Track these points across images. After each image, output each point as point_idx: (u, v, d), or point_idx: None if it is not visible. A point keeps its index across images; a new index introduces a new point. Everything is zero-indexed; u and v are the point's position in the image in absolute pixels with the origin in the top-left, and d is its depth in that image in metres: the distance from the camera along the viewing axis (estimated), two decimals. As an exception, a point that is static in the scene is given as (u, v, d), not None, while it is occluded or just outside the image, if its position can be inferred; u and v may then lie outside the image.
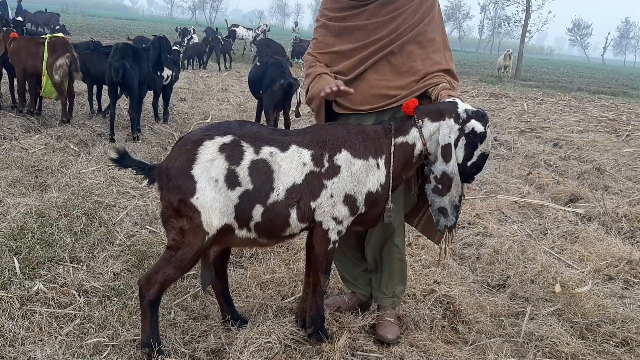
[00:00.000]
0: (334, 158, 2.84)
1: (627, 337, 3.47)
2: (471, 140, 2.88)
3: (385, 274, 3.44)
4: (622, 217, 5.84)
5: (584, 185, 7.13)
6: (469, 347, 3.26)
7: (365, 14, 3.15)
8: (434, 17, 3.18)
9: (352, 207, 2.87)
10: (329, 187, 2.82)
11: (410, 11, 3.11)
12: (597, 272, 4.52)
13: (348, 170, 2.84)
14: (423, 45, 3.14)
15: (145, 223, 4.65)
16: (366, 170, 2.87)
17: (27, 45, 7.68)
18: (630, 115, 14.84)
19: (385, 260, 3.42)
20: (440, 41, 3.20)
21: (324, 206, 2.83)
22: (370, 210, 2.96)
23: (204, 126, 2.90)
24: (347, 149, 2.86)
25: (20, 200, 4.70)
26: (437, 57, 3.16)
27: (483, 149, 2.92)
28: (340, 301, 3.61)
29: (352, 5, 3.18)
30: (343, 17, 3.21)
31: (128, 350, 2.92)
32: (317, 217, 2.86)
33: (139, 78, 7.52)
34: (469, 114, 2.86)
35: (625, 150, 9.74)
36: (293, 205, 2.80)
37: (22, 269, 3.60)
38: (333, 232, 2.90)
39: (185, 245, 2.74)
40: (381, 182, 2.92)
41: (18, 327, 2.98)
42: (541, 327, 3.49)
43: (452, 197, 2.96)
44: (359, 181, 2.86)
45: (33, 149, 6.40)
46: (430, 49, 3.15)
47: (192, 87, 13.47)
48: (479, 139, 2.88)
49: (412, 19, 3.11)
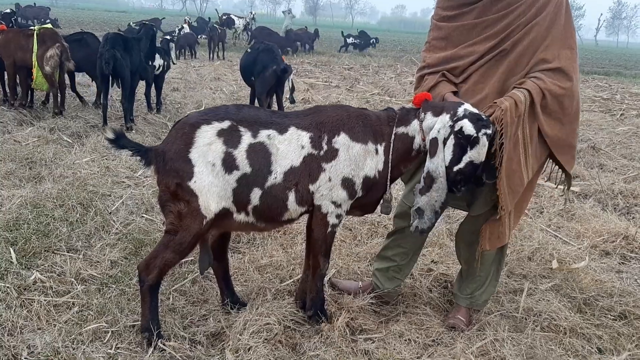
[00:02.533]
0: (332, 141, 2.81)
1: (625, 311, 3.49)
2: (459, 141, 2.68)
3: (466, 272, 3.34)
4: (617, 194, 5.88)
5: (579, 163, 7.15)
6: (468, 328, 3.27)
7: (475, 12, 2.95)
8: (552, 10, 2.87)
9: (351, 191, 2.85)
10: (327, 170, 2.80)
11: (525, 7, 2.86)
12: (593, 248, 4.55)
13: (346, 153, 2.81)
14: (535, 43, 2.88)
15: (141, 211, 4.63)
16: (364, 154, 2.84)
17: (16, 38, 7.60)
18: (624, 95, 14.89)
19: (471, 260, 3.27)
20: (559, 37, 2.88)
21: (323, 189, 2.82)
22: (367, 195, 2.94)
23: (202, 110, 2.89)
24: (345, 132, 2.83)
25: (15, 192, 4.67)
26: (548, 55, 2.87)
27: (473, 156, 2.69)
28: (352, 288, 3.57)
29: (462, 3, 2.98)
30: (452, 16, 3.03)
31: (128, 336, 2.91)
32: (316, 201, 2.85)
33: (130, 68, 7.47)
34: (465, 114, 2.69)
35: (620, 128, 9.77)
36: (291, 189, 2.79)
37: (19, 259, 3.59)
38: (332, 216, 2.89)
39: (184, 229, 2.73)
40: (379, 169, 2.88)
41: (16, 316, 2.97)
42: (539, 303, 3.51)
43: (432, 200, 2.77)
44: (357, 165, 2.83)
45: (26, 142, 6.36)
46: (542, 46, 2.87)
47: (184, 76, 13.39)
48: (469, 143, 2.67)
49: (526, 15, 2.86)
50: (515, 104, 2.79)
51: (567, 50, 2.89)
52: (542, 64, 2.87)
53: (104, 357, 2.70)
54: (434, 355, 2.92)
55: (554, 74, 2.86)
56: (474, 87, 3.00)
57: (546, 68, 2.86)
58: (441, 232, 4.54)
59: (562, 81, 2.86)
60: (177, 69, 13.70)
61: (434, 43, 3.15)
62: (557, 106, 2.88)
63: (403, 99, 11.97)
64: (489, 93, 2.95)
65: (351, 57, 23.70)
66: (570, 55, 2.89)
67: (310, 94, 11.83)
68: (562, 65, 2.86)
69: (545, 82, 2.83)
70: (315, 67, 18.50)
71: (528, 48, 2.88)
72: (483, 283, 3.30)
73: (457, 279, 3.46)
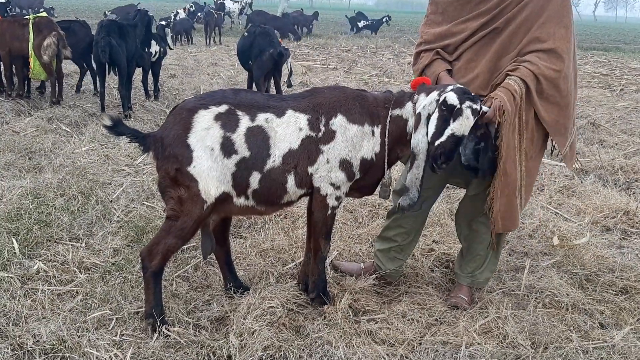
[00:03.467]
0: (329, 123, 2.80)
1: (627, 285, 3.51)
2: (442, 112, 2.62)
3: (466, 251, 3.35)
4: (618, 170, 5.87)
5: (579, 140, 7.13)
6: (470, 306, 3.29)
7: None
8: None
9: (349, 172, 2.85)
10: (325, 152, 2.79)
11: None
12: (594, 224, 4.55)
13: (343, 135, 2.80)
14: (529, 21, 2.82)
15: (142, 199, 4.64)
16: (361, 136, 2.83)
17: (12, 27, 7.53)
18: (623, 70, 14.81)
19: (471, 238, 3.30)
20: (554, 15, 2.83)
21: (321, 171, 2.81)
22: (365, 177, 2.93)
23: (199, 95, 2.88)
24: (342, 114, 2.82)
25: (15, 182, 4.67)
26: (543, 34, 2.82)
27: (455, 128, 2.60)
28: (355, 269, 3.59)
29: None
30: None
31: (132, 322, 2.93)
32: (315, 183, 2.85)
33: (126, 55, 7.42)
34: (453, 88, 2.67)
35: (620, 104, 9.73)
36: (290, 171, 2.79)
37: (21, 249, 3.60)
38: (331, 198, 2.89)
39: (185, 214, 2.74)
40: (376, 151, 2.87)
41: (21, 305, 2.99)
42: (541, 280, 3.52)
43: (413, 176, 2.74)
44: (354, 146, 2.82)
45: (25, 132, 6.35)
46: (536, 24, 2.82)
47: (181, 63, 13.32)
48: (452, 115, 2.60)
49: None
50: (512, 95, 2.77)
51: (562, 29, 2.84)
52: (536, 43, 2.83)
53: (109, 344, 2.72)
54: (437, 334, 2.93)
55: (547, 57, 2.82)
56: (467, 65, 2.98)
57: (540, 49, 2.82)
58: (442, 212, 4.55)
59: (557, 63, 2.82)
60: (174, 55, 13.62)
61: (431, 17, 3.14)
62: (553, 90, 2.86)
63: (402, 80, 11.92)
64: (480, 72, 2.94)
65: (348, 39, 23.55)
66: (565, 34, 2.84)
67: (308, 77, 11.78)
68: (555, 46, 2.81)
69: (540, 67, 2.80)
70: (313, 50, 18.39)
71: (521, 26, 2.85)
72: (483, 262, 3.31)
73: (457, 258, 3.47)
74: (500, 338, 2.91)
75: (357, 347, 2.76)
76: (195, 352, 2.72)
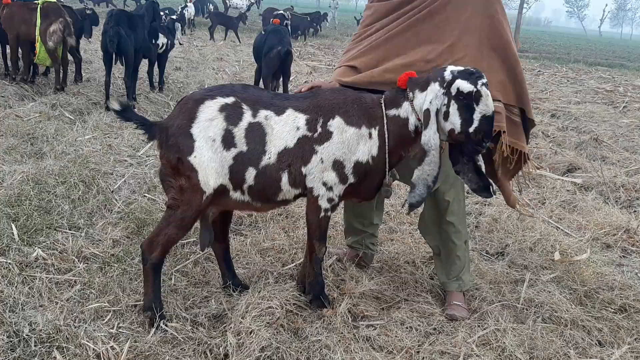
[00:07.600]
0: (327, 124, 2.80)
1: (626, 304, 3.49)
2: (462, 102, 2.60)
3: (444, 256, 3.36)
4: (619, 187, 5.85)
5: (581, 155, 7.13)
6: (470, 313, 3.28)
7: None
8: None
9: (341, 174, 2.81)
10: (319, 152, 2.79)
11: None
12: (595, 240, 4.54)
13: (339, 136, 2.79)
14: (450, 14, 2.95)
15: (143, 191, 4.62)
16: (357, 138, 2.81)
17: (20, 11, 7.51)
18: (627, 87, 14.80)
19: (443, 241, 3.32)
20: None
21: (315, 171, 2.80)
22: (363, 182, 2.90)
23: (208, 87, 2.88)
24: (340, 116, 2.81)
25: (17, 167, 4.65)
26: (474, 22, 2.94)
27: (483, 110, 2.60)
28: (341, 253, 3.74)
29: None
30: None
31: (130, 315, 2.91)
32: (308, 183, 2.84)
33: (134, 46, 7.40)
34: (454, 74, 2.62)
35: (622, 121, 9.73)
36: (284, 170, 2.79)
37: (21, 235, 3.57)
38: (323, 199, 2.86)
39: (185, 203, 2.74)
40: (373, 154, 2.83)
41: (18, 292, 2.96)
42: (540, 294, 3.51)
43: (424, 174, 2.71)
44: (349, 149, 2.80)
45: (28, 117, 6.32)
46: (463, 17, 2.93)
47: (187, 56, 13.30)
48: (473, 100, 2.59)
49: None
50: None
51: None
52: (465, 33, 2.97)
53: (105, 336, 2.70)
54: (435, 343, 2.92)
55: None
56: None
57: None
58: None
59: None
60: (179, 48, 13.59)
61: (364, 20, 3.31)
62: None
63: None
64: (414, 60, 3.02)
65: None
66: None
67: (313, 77, 11.76)
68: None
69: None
70: (319, 50, 18.38)
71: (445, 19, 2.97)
72: (464, 261, 3.35)
73: (437, 269, 3.46)
74: (498, 351, 2.90)
75: (355, 353, 2.75)
76: (192, 349, 2.70)
